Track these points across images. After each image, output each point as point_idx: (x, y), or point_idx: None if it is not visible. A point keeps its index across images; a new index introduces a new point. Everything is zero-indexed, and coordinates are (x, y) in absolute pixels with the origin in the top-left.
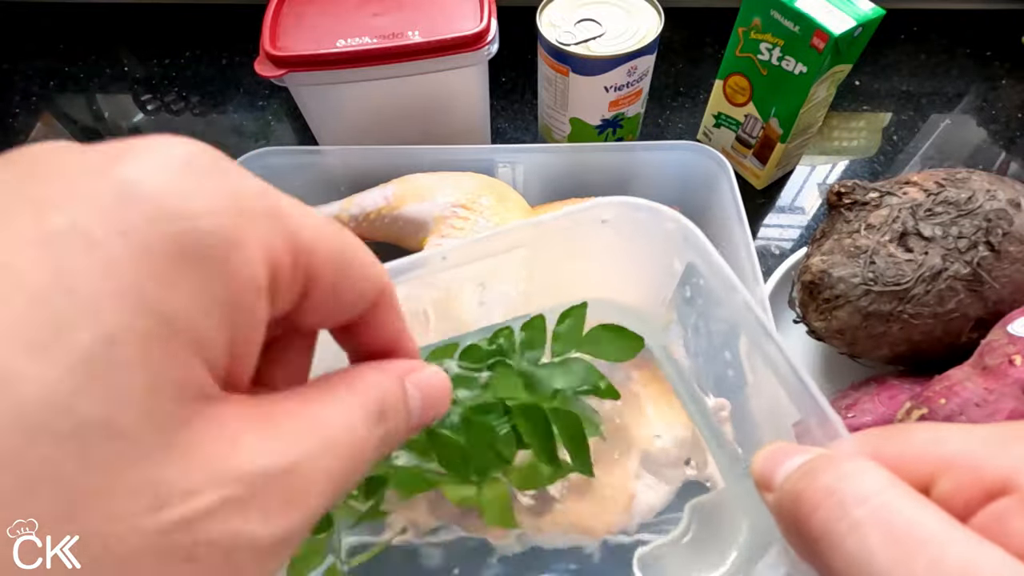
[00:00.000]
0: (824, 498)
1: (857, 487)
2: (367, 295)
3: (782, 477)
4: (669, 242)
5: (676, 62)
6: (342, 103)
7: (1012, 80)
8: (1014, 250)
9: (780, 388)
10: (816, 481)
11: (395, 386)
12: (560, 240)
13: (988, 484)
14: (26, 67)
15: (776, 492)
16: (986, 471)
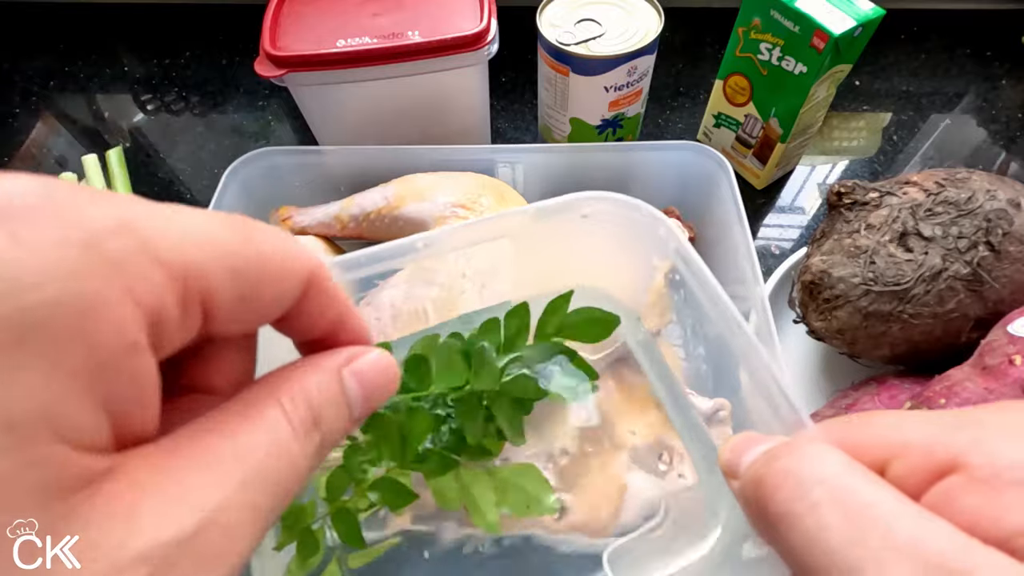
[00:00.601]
0: (784, 480)
1: (815, 469)
2: (288, 292)
3: (746, 464)
4: (647, 238)
5: (676, 62)
6: (342, 103)
7: (1012, 80)
8: (1014, 250)
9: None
10: (776, 464)
11: (330, 382)
12: (542, 231)
13: (938, 463)
14: (26, 67)
15: (741, 478)
16: (937, 451)
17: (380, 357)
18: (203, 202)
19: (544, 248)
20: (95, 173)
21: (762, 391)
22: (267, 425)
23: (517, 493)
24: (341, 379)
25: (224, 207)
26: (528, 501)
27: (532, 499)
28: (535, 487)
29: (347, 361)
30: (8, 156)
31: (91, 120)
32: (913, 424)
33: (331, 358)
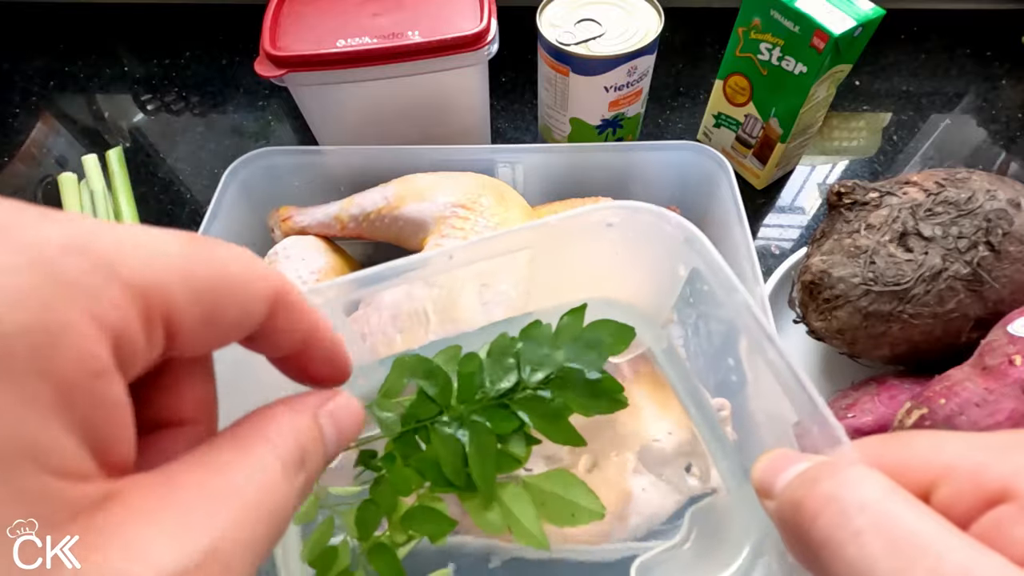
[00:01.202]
0: (825, 505)
1: (858, 494)
2: (253, 310)
3: (782, 484)
4: (673, 247)
5: (676, 62)
6: (342, 103)
7: (1012, 80)
8: (1014, 250)
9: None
10: (817, 489)
11: (311, 425)
12: (565, 242)
13: (988, 491)
14: (26, 67)
15: (776, 499)
16: (986, 478)
17: (349, 401)
18: (203, 202)
19: (561, 258)
20: (95, 173)
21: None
22: (258, 463)
23: (557, 503)
24: (319, 422)
25: (224, 207)
26: (572, 510)
27: (575, 507)
28: (574, 493)
29: (321, 403)
30: (8, 156)
31: (91, 120)
32: (956, 447)
33: (307, 400)
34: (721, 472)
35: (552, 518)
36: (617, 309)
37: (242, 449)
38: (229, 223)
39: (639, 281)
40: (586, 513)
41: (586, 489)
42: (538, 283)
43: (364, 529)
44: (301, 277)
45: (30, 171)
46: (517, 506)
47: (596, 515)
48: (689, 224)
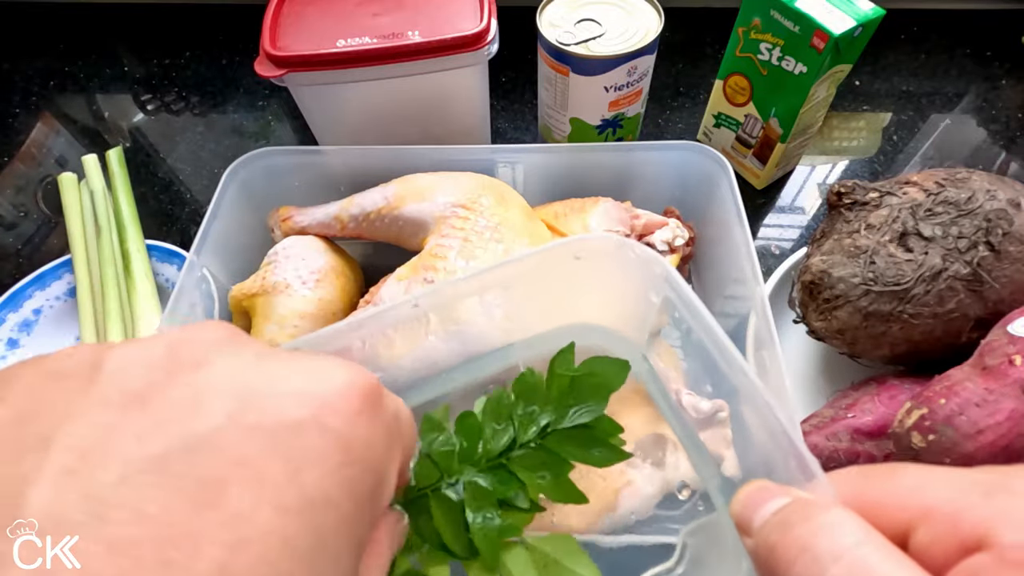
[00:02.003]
0: (799, 554)
1: (831, 543)
2: None
3: (759, 522)
4: (642, 274)
5: (676, 62)
6: (342, 103)
7: (1012, 80)
8: (1014, 250)
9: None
10: (791, 532)
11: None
12: (535, 278)
13: (965, 537)
14: (26, 67)
15: (754, 538)
16: (964, 523)
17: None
18: (203, 202)
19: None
20: (95, 173)
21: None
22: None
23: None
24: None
25: (224, 207)
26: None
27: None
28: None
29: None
30: (8, 156)
31: (91, 120)
32: (938, 486)
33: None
34: (712, 491)
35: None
36: (597, 333)
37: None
38: (229, 223)
39: (613, 308)
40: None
41: (587, 560)
42: (517, 314)
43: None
44: (301, 277)
45: (30, 171)
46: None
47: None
48: (651, 251)
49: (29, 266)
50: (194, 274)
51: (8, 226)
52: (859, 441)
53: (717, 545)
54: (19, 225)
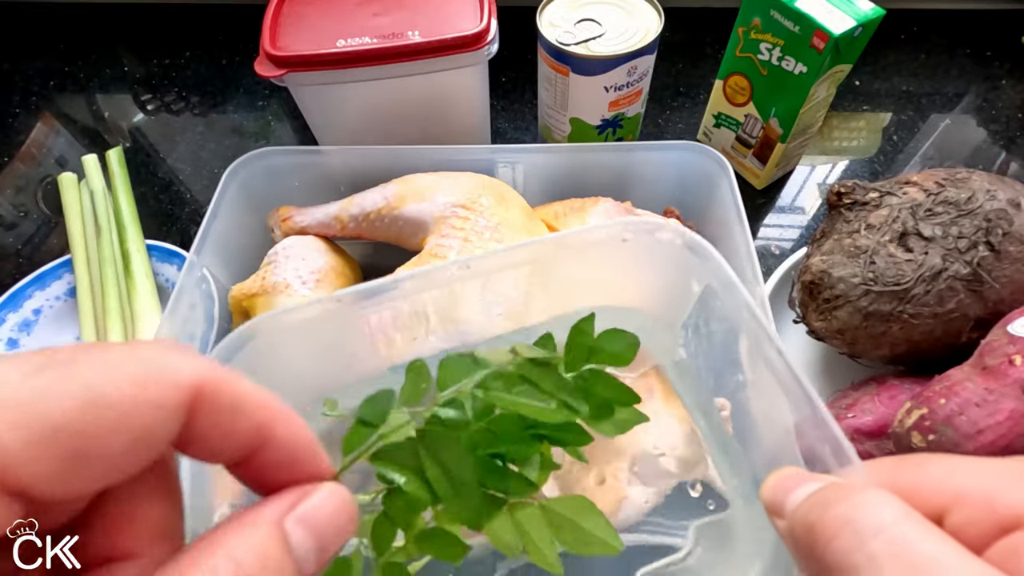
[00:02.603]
0: (840, 528)
1: (873, 517)
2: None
3: (794, 504)
4: (686, 263)
5: (676, 62)
6: (342, 103)
7: (1012, 80)
8: (1014, 250)
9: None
10: (831, 510)
11: (265, 542)
12: (580, 254)
13: (1002, 517)
14: (26, 67)
15: (788, 519)
16: (1000, 504)
17: (331, 494)
18: (203, 202)
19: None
20: (95, 173)
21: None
22: None
23: (573, 530)
24: (283, 533)
25: (224, 207)
26: (587, 539)
27: (591, 537)
28: (592, 523)
29: (290, 508)
30: (8, 156)
31: (91, 120)
32: (970, 472)
33: (268, 509)
34: (730, 489)
35: (567, 543)
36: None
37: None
38: (229, 223)
39: (651, 295)
40: (600, 544)
41: (604, 521)
42: (549, 293)
43: (380, 545)
44: (301, 277)
45: (30, 171)
46: (534, 529)
47: (611, 549)
48: (702, 240)
49: (29, 266)
50: (194, 274)
51: (8, 226)
52: (859, 441)
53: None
54: (19, 225)
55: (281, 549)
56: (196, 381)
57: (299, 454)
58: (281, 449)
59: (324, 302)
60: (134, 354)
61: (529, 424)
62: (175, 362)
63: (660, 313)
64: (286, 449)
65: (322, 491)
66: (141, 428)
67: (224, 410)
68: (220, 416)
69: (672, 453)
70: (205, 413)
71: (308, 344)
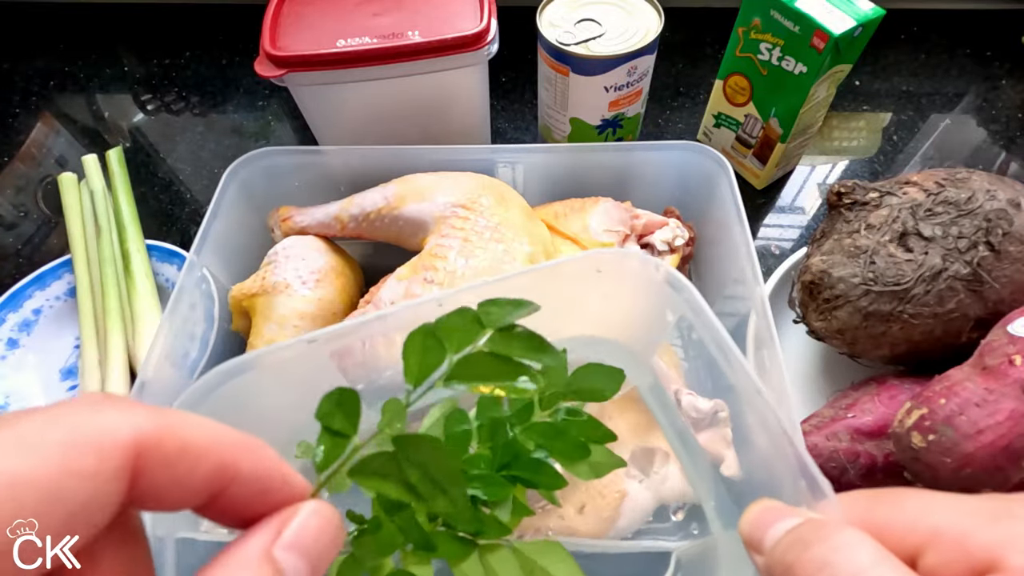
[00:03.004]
0: (817, 570)
1: (849, 561)
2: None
3: (772, 540)
4: (661, 293)
5: (676, 62)
6: (342, 103)
7: (1012, 80)
8: (1014, 250)
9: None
10: (809, 551)
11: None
12: (556, 286)
13: (975, 560)
14: (26, 67)
15: (766, 556)
16: (973, 546)
17: (314, 513)
18: (203, 202)
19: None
20: (95, 173)
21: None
22: None
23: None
24: (275, 564)
25: (224, 207)
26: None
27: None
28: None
29: (275, 535)
30: (8, 156)
31: (91, 120)
32: (944, 510)
33: (254, 541)
34: (708, 513)
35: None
36: (604, 347)
37: None
38: (229, 223)
39: (627, 324)
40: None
41: (574, 567)
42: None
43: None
44: (301, 277)
45: (30, 171)
46: (504, 573)
47: None
48: (675, 272)
49: (29, 266)
50: (194, 274)
51: (8, 226)
52: (859, 441)
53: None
54: (19, 225)
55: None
56: (134, 438)
57: (270, 484)
58: (249, 482)
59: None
60: (57, 423)
61: (503, 465)
62: (106, 423)
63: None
64: (254, 481)
65: (304, 511)
66: (75, 504)
67: (173, 460)
68: (170, 467)
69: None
70: (152, 468)
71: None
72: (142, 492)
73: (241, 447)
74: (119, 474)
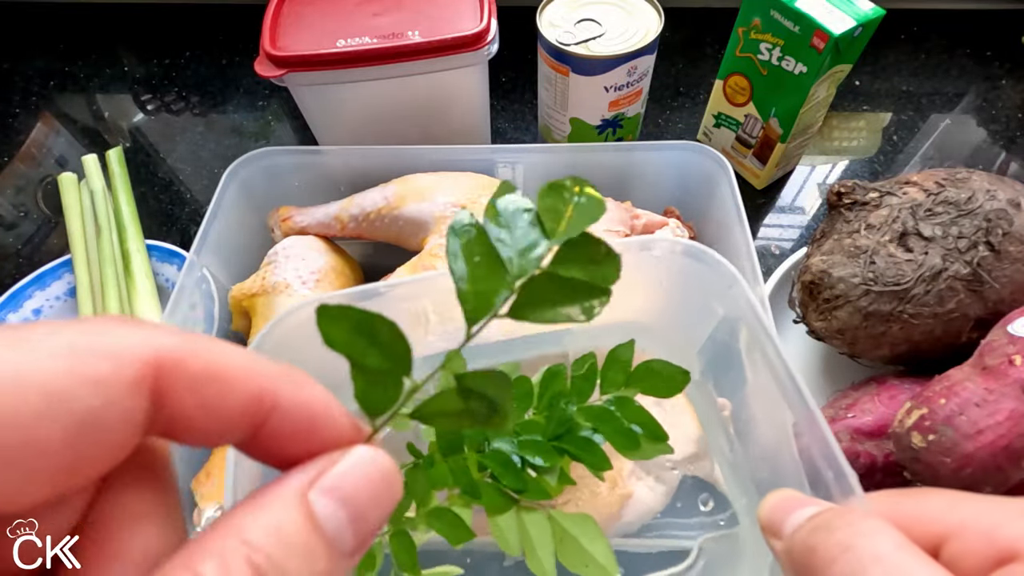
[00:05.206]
0: (840, 553)
1: (873, 546)
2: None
3: (792, 526)
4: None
5: (676, 62)
6: (342, 103)
7: (1012, 80)
8: (1014, 250)
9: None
10: (832, 536)
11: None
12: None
13: (998, 549)
14: (26, 67)
15: (785, 541)
16: (997, 537)
17: (363, 458)
18: (203, 202)
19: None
20: (95, 173)
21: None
22: None
23: (575, 548)
24: (308, 507)
25: (224, 207)
26: (587, 560)
27: (591, 559)
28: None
29: (315, 478)
30: (8, 156)
31: (91, 120)
32: (970, 506)
33: (288, 481)
34: (738, 508)
35: (565, 559)
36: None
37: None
38: (229, 223)
39: (674, 313)
40: (598, 569)
41: (606, 546)
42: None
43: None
44: (301, 277)
45: (30, 171)
46: (537, 535)
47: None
48: (733, 268)
49: (29, 266)
50: (194, 274)
51: (8, 226)
52: (859, 441)
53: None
54: (19, 225)
55: (306, 526)
56: (154, 353)
57: (316, 419)
58: (291, 416)
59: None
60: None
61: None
62: (119, 334)
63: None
64: (297, 415)
65: (352, 455)
66: (86, 413)
67: (200, 383)
68: (197, 391)
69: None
70: (177, 390)
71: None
72: (169, 418)
73: (280, 376)
74: (137, 388)
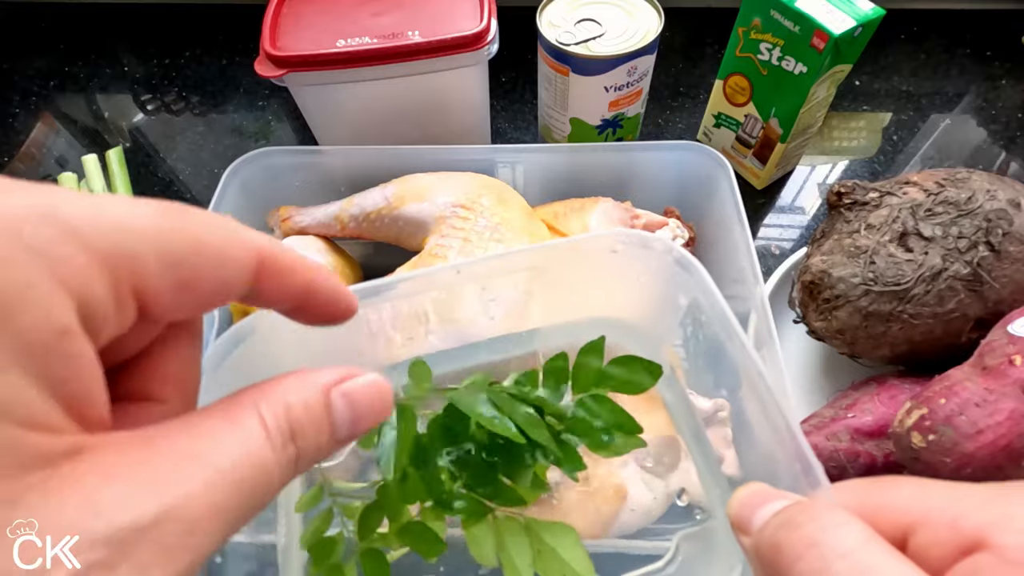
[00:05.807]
0: (805, 549)
1: (838, 540)
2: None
3: (759, 522)
4: (674, 277)
5: (676, 62)
6: (342, 103)
7: (1012, 80)
8: (1014, 250)
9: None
10: (797, 531)
11: (314, 400)
12: (571, 263)
13: (964, 538)
14: (26, 67)
15: (753, 537)
16: (963, 525)
17: (374, 382)
18: (203, 202)
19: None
20: (95, 173)
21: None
22: (242, 431)
23: (553, 559)
24: (328, 398)
25: (224, 207)
26: (565, 571)
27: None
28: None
29: (338, 381)
30: (8, 156)
31: (91, 120)
32: (938, 495)
33: (321, 374)
34: (712, 500)
35: (543, 569)
36: (619, 329)
37: (228, 416)
38: None
39: (639, 306)
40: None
41: (584, 556)
42: (542, 300)
43: (365, 530)
44: None
45: (30, 171)
46: (514, 545)
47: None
48: (687, 253)
49: None
50: None
51: None
52: (859, 441)
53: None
54: None
55: (324, 410)
56: (261, 248)
57: (336, 297)
58: (322, 295)
59: None
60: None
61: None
62: (247, 232)
63: (646, 323)
64: (325, 295)
65: (366, 376)
66: (226, 275)
67: (282, 272)
68: (278, 277)
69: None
70: (267, 274)
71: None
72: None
73: (320, 273)
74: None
